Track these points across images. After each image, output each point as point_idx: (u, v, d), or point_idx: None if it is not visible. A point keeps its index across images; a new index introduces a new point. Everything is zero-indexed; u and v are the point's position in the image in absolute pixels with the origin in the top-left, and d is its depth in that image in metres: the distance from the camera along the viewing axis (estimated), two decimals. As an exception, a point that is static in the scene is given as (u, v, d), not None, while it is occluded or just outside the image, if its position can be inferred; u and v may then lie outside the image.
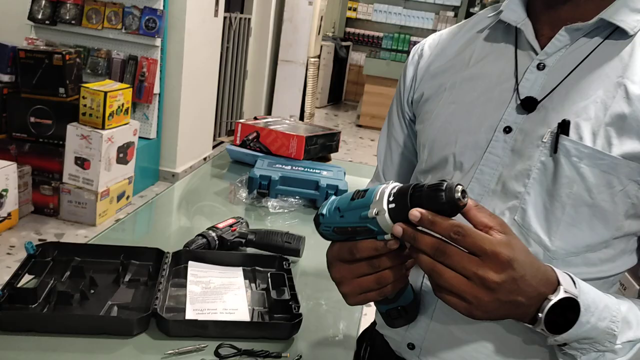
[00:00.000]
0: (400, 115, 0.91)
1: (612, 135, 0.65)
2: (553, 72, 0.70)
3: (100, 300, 0.92)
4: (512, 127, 0.71)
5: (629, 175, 0.65)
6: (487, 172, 0.73)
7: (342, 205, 0.63)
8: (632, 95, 0.65)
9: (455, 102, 0.78)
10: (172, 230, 1.41)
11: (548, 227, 0.68)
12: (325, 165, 1.68)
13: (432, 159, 0.79)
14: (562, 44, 0.70)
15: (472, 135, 0.74)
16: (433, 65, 0.84)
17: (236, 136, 1.80)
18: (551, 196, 0.68)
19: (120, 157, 3.20)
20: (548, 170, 0.68)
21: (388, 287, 0.63)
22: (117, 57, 3.60)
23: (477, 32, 0.81)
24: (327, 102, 7.93)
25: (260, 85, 5.72)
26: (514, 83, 0.72)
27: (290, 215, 1.46)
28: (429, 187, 0.56)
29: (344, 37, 8.39)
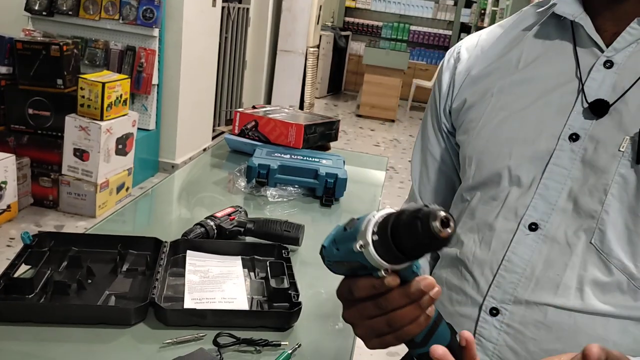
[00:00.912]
0: (436, 126, 0.82)
1: None
2: (624, 70, 0.63)
3: (97, 290, 0.91)
4: (580, 135, 0.63)
5: None
6: (553, 187, 0.64)
7: (337, 236, 0.53)
8: None
9: (505, 108, 0.70)
10: (171, 220, 1.40)
11: (633, 250, 0.60)
12: (324, 154, 1.67)
13: (481, 174, 0.71)
14: (634, 38, 0.63)
15: (529, 145, 0.66)
16: (475, 69, 0.76)
17: (234, 125, 1.78)
18: (635, 214, 0.60)
19: (119, 148, 3.18)
20: (629, 184, 0.60)
21: (405, 329, 0.52)
22: (114, 48, 3.58)
23: (524, 30, 0.73)
24: (327, 92, 7.90)
25: (259, 76, 5.70)
26: (578, 84, 0.65)
27: (289, 204, 1.45)
28: (407, 216, 0.46)
29: (343, 26, 8.35)
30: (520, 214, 0.66)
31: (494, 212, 0.69)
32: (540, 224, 0.65)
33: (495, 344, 0.67)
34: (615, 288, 0.62)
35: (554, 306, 0.64)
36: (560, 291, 0.64)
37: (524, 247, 0.66)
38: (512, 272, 0.66)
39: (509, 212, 0.67)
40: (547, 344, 0.64)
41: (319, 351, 0.87)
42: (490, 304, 0.67)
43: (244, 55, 5.31)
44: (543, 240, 0.65)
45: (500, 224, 0.68)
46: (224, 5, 4.53)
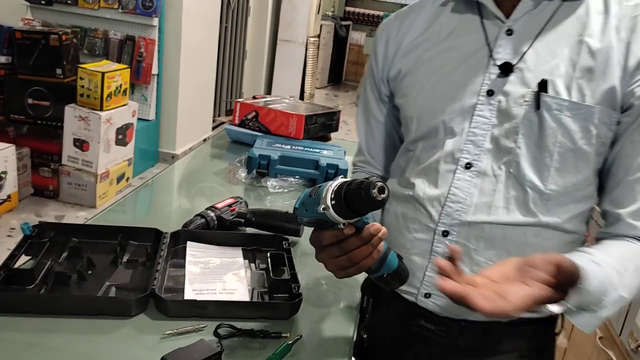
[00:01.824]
0: (376, 93, 0.97)
1: (584, 87, 0.75)
2: (521, 36, 0.78)
3: (98, 281, 0.91)
4: (494, 90, 0.79)
5: (601, 119, 0.75)
6: (480, 134, 0.81)
7: (305, 200, 0.71)
8: (593, 49, 0.75)
9: (435, 73, 0.85)
10: (171, 211, 1.39)
11: (540, 174, 0.78)
12: (325, 145, 1.66)
13: (421, 129, 0.86)
14: (526, 9, 0.78)
15: (458, 102, 0.82)
16: (405, 42, 0.90)
17: (235, 116, 1.77)
18: (539, 147, 0.77)
19: (119, 138, 3.18)
20: (533, 125, 0.77)
21: (363, 262, 0.70)
22: (114, 37, 3.56)
23: (440, 6, 0.88)
24: (327, 83, 7.87)
25: (259, 66, 5.67)
26: (488, 50, 0.80)
27: (289, 195, 1.45)
28: (354, 186, 0.63)
29: (343, 16, 8.30)
30: (457, 157, 0.82)
31: (436, 157, 0.85)
32: (473, 163, 0.81)
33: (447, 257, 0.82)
34: (531, 202, 0.80)
35: (488, 223, 0.81)
36: (492, 211, 0.81)
37: (463, 182, 0.82)
38: (456, 202, 0.82)
39: (448, 157, 0.83)
40: (484, 252, 0.82)
41: (320, 342, 0.87)
42: (441, 228, 0.84)
43: (244, 44, 5.28)
44: (477, 175, 0.81)
45: (443, 167, 0.84)
46: (224, -5, 4.50)
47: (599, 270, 0.69)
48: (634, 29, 0.75)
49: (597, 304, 0.69)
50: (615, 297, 0.71)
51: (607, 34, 0.75)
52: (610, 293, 0.70)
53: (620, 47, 0.75)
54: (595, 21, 0.76)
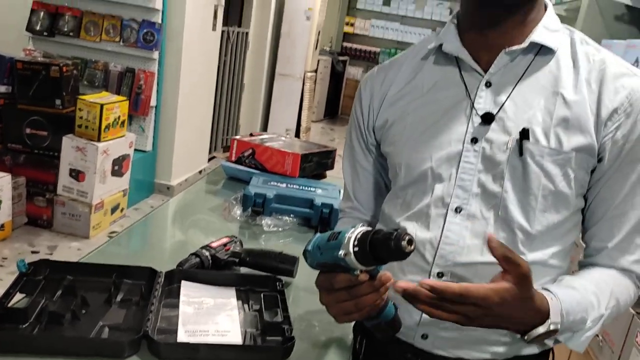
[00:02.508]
0: (362, 141, 1.01)
1: (561, 134, 0.80)
2: (499, 88, 0.84)
3: (91, 321, 0.92)
4: (478, 138, 0.84)
5: (579, 164, 0.81)
6: (467, 179, 0.85)
7: (321, 244, 0.73)
8: (568, 101, 0.81)
9: (421, 123, 0.89)
10: (166, 247, 1.40)
11: (527, 216, 0.83)
12: (320, 184, 1.68)
13: (410, 176, 0.90)
14: (503, 63, 0.84)
15: (444, 149, 0.86)
16: (390, 93, 0.95)
17: (231, 152, 1.80)
18: (524, 191, 0.82)
19: (116, 169, 3.19)
20: (518, 170, 0.82)
21: (366, 309, 0.73)
22: (114, 69, 3.61)
23: (422, 60, 0.93)
24: (324, 116, 7.96)
25: (257, 99, 5.74)
26: (469, 101, 0.85)
27: (284, 234, 1.46)
28: (382, 236, 0.66)
29: (341, 51, 8.45)
30: (447, 202, 0.86)
31: (426, 202, 0.88)
32: (463, 207, 0.85)
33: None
34: (519, 242, 0.84)
35: (481, 263, 0.84)
36: (485, 251, 0.83)
37: (454, 225, 0.86)
38: (449, 244, 0.85)
39: (438, 201, 0.87)
40: None
41: (311, 387, 0.87)
42: (436, 270, 0.86)
43: (242, 78, 5.35)
44: (467, 218, 0.85)
45: (433, 211, 0.87)
46: (224, 29, 4.58)
47: (575, 294, 0.77)
48: (603, 81, 0.81)
49: (581, 323, 0.77)
50: (596, 315, 0.78)
51: (579, 86, 0.81)
52: (591, 312, 0.78)
53: (592, 99, 0.80)
54: (566, 75, 0.82)
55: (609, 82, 0.81)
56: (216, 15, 4.19)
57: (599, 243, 0.85)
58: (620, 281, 0.84)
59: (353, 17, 8.48)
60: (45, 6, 3.53)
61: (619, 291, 0.82)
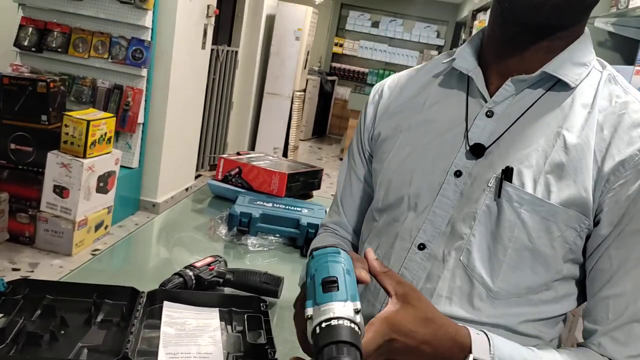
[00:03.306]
0: (360, 151, 0.95)
1: (552, 183, 0.69)
2: (500, 120, 0.74)
3: (70, 342, 0.90)
4: (462, 172, 0.75)
5: (567, 222, 0.69)
6: (439, 214, 0.76)
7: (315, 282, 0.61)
8: (569, 144, 0.69)
9: (410, 144, 0.82)
10: (150, 266, 1.38)
11: (491, 268, 0.72)
12: (306, 203, 1.68)
13: (388, 199, 0.83)
14: (509, 94, 0.74)
15: (426, 177, 0.78)
16: (392, 106, 0.88)
17: (218, 171, 1.79)
18: (494, 239, 0.71)
19: (101, 186, 3.16)
20: (492, 213, 0.71)
21: None
22: (102, 86, 3.60)
23: (433, 77, 0.85)
24: (312, 135, 7.98)
25: (245, 117, 5.75)
26: (464, 129, 0.76)
27: (269, 254, 1.45)
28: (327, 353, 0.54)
29: (329, 71, 8.52)
30: (413, 236, 0.78)
31: (395, 232, 0.81)
32: (427, 245, 0.77)
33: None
34: (476, 297, 0.73)
35: None
36: (434, 299, 0.75)
37: (413, 263, 0.78)
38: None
39: (405, 233, 0.79)
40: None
41: (293, 411, 0.86)
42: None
43: (231, 96, 5.36)
44: (427, 258, 0.77)
45: (398, 244, 0.80)
46: (213, 48, 4.60)
47: (528, 353, 0.66)
48: (618, 128, 0.68)
49: None
50: None
51: (587, 130, 0.69)
52: None
53: (599, 147, 0.68)
54: (578, 114, 0.70)
55: (624, 130, 0.68)
56: (206, 33, 4.21)
57: (592, 325, 0.71)
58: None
59: (342, 38, 8.57)
60: (34, 22, 3.53)
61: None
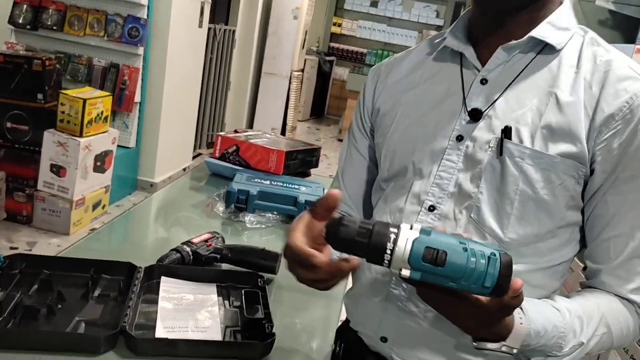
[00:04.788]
0: (361, 126, 0.98)
1: (548, 137, 0.75)
2: (494, 85, 0.80)
3: (67, 316, 0.90)
4: (464, 136, 0.80)
5: (566, 171, 0.75)
6: (446, 177, 0.81)
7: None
8: (562, 102, 0.75)
9: (410, 116, 0.87)
10: (148, 243, 1.38)
11: (500, 221, 0.77)
12: (304, 181, 1.68)
13: (393, 168, 0.88)
14: (501, 61, 0.80)
15: (428, 144, 0.83)
16: (389, 82, 0.93)
17: (215, 149, 1.78)
18: (501, 194, 0.77)
19: (98, 165, 3.15)
20: (496, 171, 0.77)
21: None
22: (98, 65, 3.56)
23: (426, 55, 0.91)
24: (310, 116, 7.95)
25: (242, 97, 5.71)
26: (462, 96, 0.82)
27: (267, 231, 1.45)
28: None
29: (328, 51, 8.44)
30: (422, 199, 0.83)
31: (403, 198, 0.85)
32: (437, 206, 0.82)
33: (407, 293, 0.82)
34: None
35: None
36: None
37: (425, 224, 0.80)
38: None
39: (413, 198, 0.84)
40: None
41: (291, 384, 0.86)
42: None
43: (229, 76, 5.33)
44: (438, 218, 0.81)
45: (408, 207, 0.84)
46: (211, 27, 4.56)
47: (554, 316, 0.72)
48: (605, 83, 0.74)
49: (556, 349, 0.72)
50: (575, 343, 0.73)
51: (576, 88, 0.75)
52: (570, 339, 0.72)
53: (589, 102, 0.74)
54: (566, 74, 0.77)
55: (610, 85, 0.74)
56: (203, 12, 4.16)
57: (595, 265, 0.79)
58: (616, 309, 0.76)
59: (340, 18, 8.49)
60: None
61: (612, 319, 0.76)
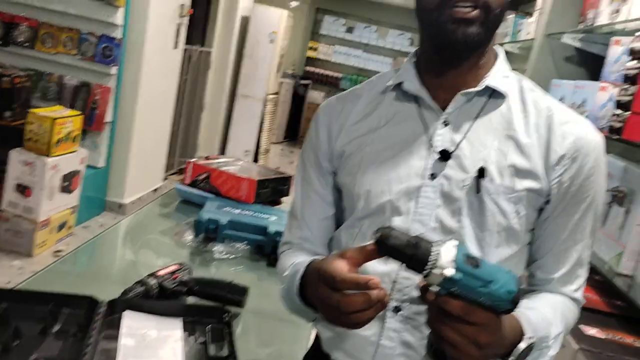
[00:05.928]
0: (316, 169, 0.99)
1: (514, 175, 0.84)
2: (456, 127, 0.87)
3: (24, 353, 0.86)
4: (437, 174, 0.86)
5: (530, 203, 0.85)
6: (426, 214, 0.86)
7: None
8: (521, 145, 0.85)
9: (380, 156, 0.90)
10: (113, 272, 1.35)
11: (482, 251, 0.85)
12: (275, 210, 1.67)
13: (369, 207, 0.90)
14: (460, 104, 0.87)
15: (403, 183, 0.88)
16: (347, 123, 0.95)
17: (186, 175, 1.77)
18: (481, 227, 0.85)
19: (65, 185, 3.08)
20: (474, 207, 0.85)
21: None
22: (69, 83, 3.51)
23: (381, 94, 0.94)
24: (284, 138, 7.97)
25: (216, 119, 5.70)
26: (427, 138, 0.88)
27: (236, 262, 1.43)
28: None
29: (303, 75, 8.51)
30: None
31: None
32: None
33: (398, 332, 0.87)
34: None
35: None
36: None
37: None
38: (406, 279, 0.86)
39: None
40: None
41: None
42: (393, 304, 0.87)
43: (203, 97, 5.31)
44: None
45: None
46: (186, 48, 4.55)
47: (537, 312, 0.82)
48: (550, 127, 0.85)
49: (545, 340, 0.81)
50: (556, 332, 0.83)
51: (529, 131, 0.86)
52: (552, 329, 0.82)
53: (541, 143, 0.85)
54: (518, 119, 0.86)
55: (556, 128, 0.85)
56: (179, 33, 4.16)
57: (546, 274, 0.91)
58: (566, 303, 0.90)
59: (317, 42, 8.59)
60: (0, 14, 3.42)
61: (567, 311, 0.89)
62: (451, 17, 0.80)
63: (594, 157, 0.86)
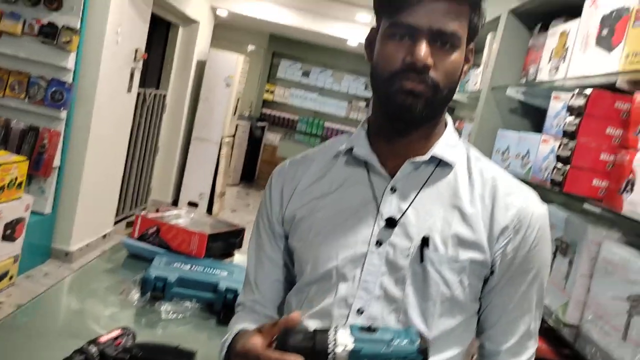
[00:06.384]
0: (269, 232, 0.99)
1: (458, 245, 0.84)
2: (403, 194, 0.88)
3: None
4: (383, 241, 0.86)
5: (474, 273, 0.85)
6: (371, 281, 0.86)
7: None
8: (465, 215, 0.85)
9: (329, 221, 0.91)
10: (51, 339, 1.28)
11: (426, 321, 0.85)
12: (226, 265, 1.64)
13: (316, 272, 0.90)
14: (408, 172, 0.89)
15: (349, 249, 0.88)
16: (299, 188, 0.96)
17: (135, 229, 1.72)
18: (424, 296, 0.85)
19: (7, 234, 2.95)
20: (418, 276, 0.85)
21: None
22: (16, 127, 3.40)
23: (333, 158, 0.96)
24: (240, 180, 7.92)
25: (171, 162, 5.63)
26: (375, 204, 0.88)
27: (184, 321, 1.39)
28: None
29: (260, 117, 8.55)
30: (350, 302, 0.87)
31: (329, 301, 0.88)
32: (365, 309, 0.86)
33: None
34: None
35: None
36: None
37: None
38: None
39: (341, 301, 0.87)
40: None
41: None
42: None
43: (157, 140, 5.25)
44: (367, 321, 0.85)
45: (336, 311, 0.87)
46: (140, 91, 4.51)
47: None
48: (495, 197, 0.87)
49: None
50: None
51: (474, 202, 0.87)
52: None
53: (485, 214, 0.86)
54: (464, 189, 0.88)
55: (500, 199, 0.87)
56: (132, 77, 4.13)
57: (494, 346, 0.91)
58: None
59: (273, 85, 8.68)
60: (-56, 57, 3.32)
61: None
62: (401, 89, 0.83)
63: (537, 228, 0.86)
